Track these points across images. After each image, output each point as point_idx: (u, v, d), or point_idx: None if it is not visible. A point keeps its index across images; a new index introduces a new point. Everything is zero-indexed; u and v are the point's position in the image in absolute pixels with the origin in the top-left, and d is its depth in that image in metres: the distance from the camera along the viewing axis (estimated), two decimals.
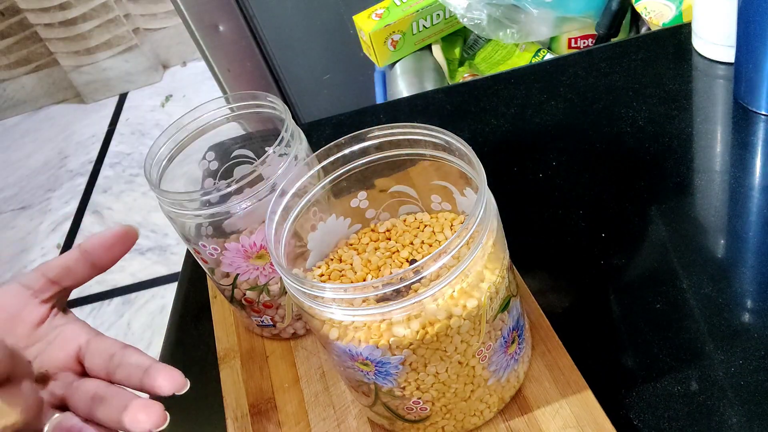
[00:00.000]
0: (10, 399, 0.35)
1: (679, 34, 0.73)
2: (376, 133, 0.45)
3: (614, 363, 0.49)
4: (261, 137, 0.57)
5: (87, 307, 1.80)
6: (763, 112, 0.62)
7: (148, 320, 1.72)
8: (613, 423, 0.44)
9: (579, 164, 0.64)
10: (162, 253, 1.87)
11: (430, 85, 1.05)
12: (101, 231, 0.42)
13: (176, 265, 1.81)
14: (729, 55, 0.66)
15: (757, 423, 0.44)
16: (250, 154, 0.57)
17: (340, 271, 0.48)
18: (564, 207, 0.61)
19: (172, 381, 0.37)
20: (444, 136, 0.43)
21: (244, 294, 0.53)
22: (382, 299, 0.38)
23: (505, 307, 0.42)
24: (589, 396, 0.46)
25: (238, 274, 0.51)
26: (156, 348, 1.70)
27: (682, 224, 0.56)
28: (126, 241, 0.42)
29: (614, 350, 0.50)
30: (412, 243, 0.49)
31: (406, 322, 0.39)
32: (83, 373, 0.40)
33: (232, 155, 0.57)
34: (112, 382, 0.39)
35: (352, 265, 0.49)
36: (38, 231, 2.05)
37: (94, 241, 0.41)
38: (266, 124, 0.54)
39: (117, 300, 1.79)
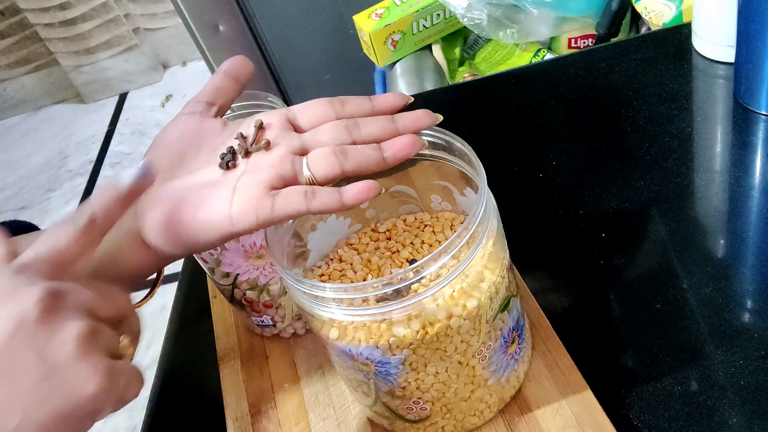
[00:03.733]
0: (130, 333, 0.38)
1: (679, 34, 0.73)
2: None
3: (614, 363, 0.49)
4: None
5: None
6: (763, 112, 0.62)
7: (148, 320, 1.71)
8: (613, 423, 0.44)
9: (579, 164, 0.64)
10: None
11: (430, 85, 1.05)
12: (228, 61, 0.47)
13: (176, 265, 1.81)
14: (729, 55, 0.66)
15: (757, 423, 0.44)
16: None
17: (341, 271, 0.48)
18: (564, 207, 0.61)
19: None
20: (444, 136, 0.43)
21: (244, 294, 0.53)
22: (382, 299, 0.38)
23: (505, 307, 0.42)
24: (589, 396, 0.46)
25: (238, 274, 0.51)
26: (156, 348, 1.70)
27: (682, 224, 0.56)
28: (246, 62, 0.47)
29: (614, 350, 0.50)
30: (412, 243, 0.49)
31: (406, 322, 0.39)
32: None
33: None
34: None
35: (352, 264, 0.49)
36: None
37: (229, 62, 0.46)
38: None
39: None
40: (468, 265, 0.39)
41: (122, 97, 2.59)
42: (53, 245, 0.35)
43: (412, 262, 0.47)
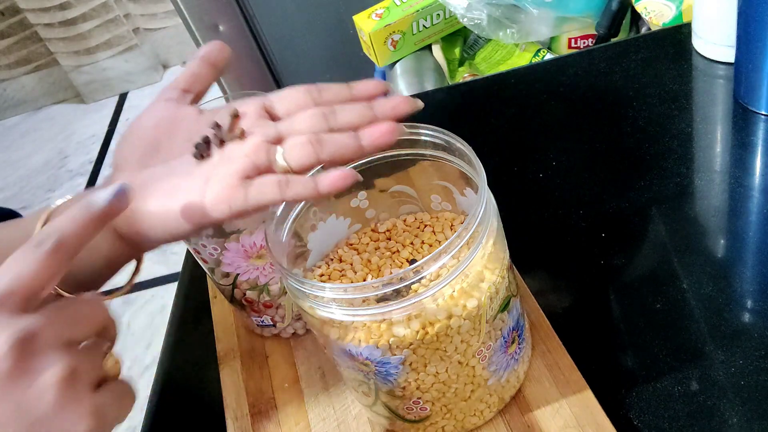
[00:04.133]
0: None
1: (679, 34, 0.73)
2: None
3: (614, 363, 0.49)
4: None
5: None
6: (763, 112, 0.62)
7: (148, 320, 1.72)
8: (613, 423, 0.44)
9: (579, 164, 0.64)
10: (162, 253, 1.87)
11: (430, 85, 1.05)
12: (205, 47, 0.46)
13: (176, 265, 1.81)
14: (729, 55, 0.66)
15: (757, 423, 0.44)
16: None
17: (341, 271, 0.48)
18: (564, 207, 0.60)
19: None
20: (444, 136, 0.43)
21: (244, 294, 0.53)
22: (382, 299, 0.38)
23: (505, 307, 0.42)
24: (589, 396, 0.46)
25: (238, 274, 0.51)
26: (156, 348, 1.70)
27: (682, 224, 0.56)
28: (224, 47, 0.46)
29: (614, 350, 0.50)
30: (412, 243, 0.49)
31: (406, 322, 0.39)
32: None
33: None
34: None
35: (352, 265, 0.49)
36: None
37: (206, 48, 0.46)
38: None
39: (117, 300, 1.79)
40: (468, 265, 0.39)
41: (122, 97, 2.59)
42: (18, 275, 0.32)
43: (412, 262, 0.47)
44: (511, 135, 0.70)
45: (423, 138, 0.44)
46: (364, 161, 0.46)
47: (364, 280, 0.47)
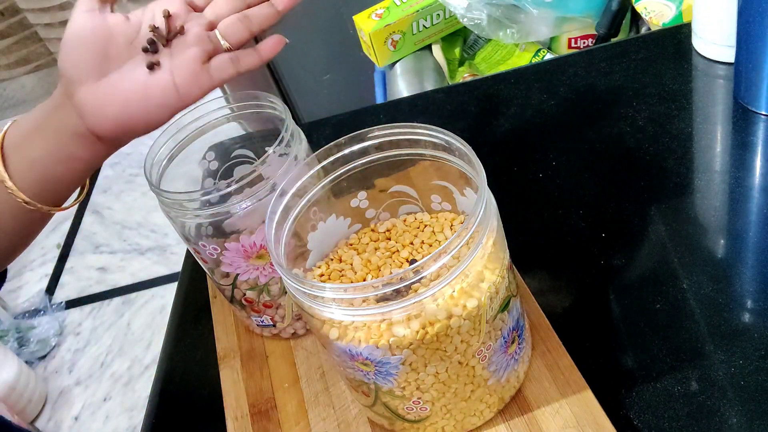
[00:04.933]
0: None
1: (679, 34, 0.73)
2: (376, 133, 0.45)
3: (614, 363, 0.49)
4: (261, 137, 0.56)
5: (87, 307, 1.80)
6: (763, 112, 0.62)
7: (148, 320, 1.72)
8: (613, 423, 0.44)
9: (579, 164, 0.64)
10: (162, 253, 1.87)
11: (430, 85, 1.05)
12: None
13: (176, 265, 1.81)
14: (729, 55, 0.66)
15: (757, 423, 0.44)
16: (250, 154, 0.57)
17: (340, 271, 0.48)
18: (564, 207, 0.60)
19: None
20: (444, 136, 0.43)
21: (244, 294, 0.53)
22: (382, 299, 0.38)
23: (505, 307, 0.42)
24: (589, 396, 0.46)
25: (238, 274, 0.51)
26: (156, 348, 1.70)
27: (682, 224, 0.56)
28: None
29: (614, 350, 0.50)
30: (412, 243, 0.49)
31: (406, 322, 0.39)
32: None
33: (232, 155, 0.57)
34: None
35: (352, 265, 0.49)
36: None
37: None
38: (266, 124, 0.54)
39: (117, 300, 1.79)
40: (468, 265, 0.39)
41: None
42: None
43: (412, 262, 0.47)
44: (511, 135, 0.70)
45: (423, 138, 0.44)
46: (364, 161, 0.46)
47: (364, 280, 0.47)
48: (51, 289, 1.88)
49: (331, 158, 0.46)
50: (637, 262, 0.55)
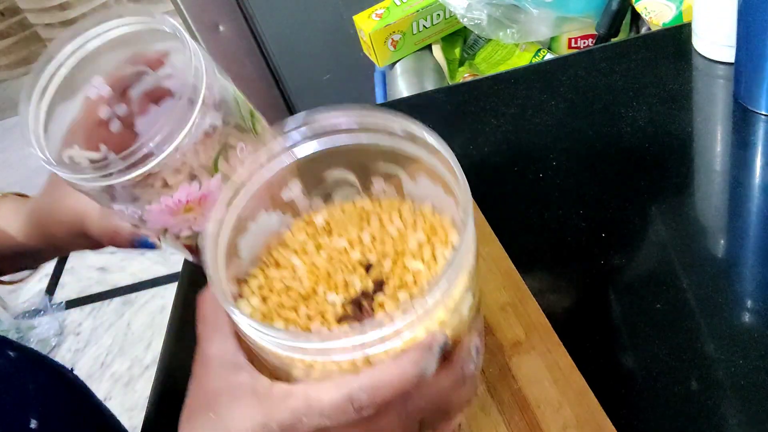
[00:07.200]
0: None
1: (679, 34, 0.73)
2: (323, 123, 0.39)
3: (614, 363, 0.49)
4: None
5: (87, 307, 1.80)
6: (763, 112, 0.62)
7: (148, 320, 1.72)
8: (613, 423, 0.44)
9: (579, 164, 0.64)
10: (162, 253, 1.87)
11: (430, 85, 1.05)
12: None
13: (176, 265, 1.81)
14: (729, 55, 0.66)
15: (757, 423, 0.44)
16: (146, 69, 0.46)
17: (281, 280, 0.41)
18: (564, 207, 0.60)
19: None
20: (407, 126, 0.38)
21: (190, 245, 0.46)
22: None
23: (477, 310, 0.38)
24: (589, 396, 0.46)
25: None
26: (156, 348, 1.70)
27: (682, 224, 0.56)
28: None
29: (614, 350, 0.50)
30: (359, 238, 0.42)
31: (384, 354, 0.33)
32: None
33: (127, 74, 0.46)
34: None
35: (294, 270, 0.41)
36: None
37: None
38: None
39: (117, 300, 1.79)
40: (451, 289, 0.34)
41: None
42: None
43: (368, 267, 0.40)
44: (511, 135, 0.70)
45: (391, 131, 0.39)
46: (304, 146, 0.40)
47: (314, 292, 0.40)
48: (51, 289, 1.88)
49: (277, 145, 0.40)
50: (637, 262, 0.55)
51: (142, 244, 0.46)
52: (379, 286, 0.38)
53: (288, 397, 0.33)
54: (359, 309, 0.35)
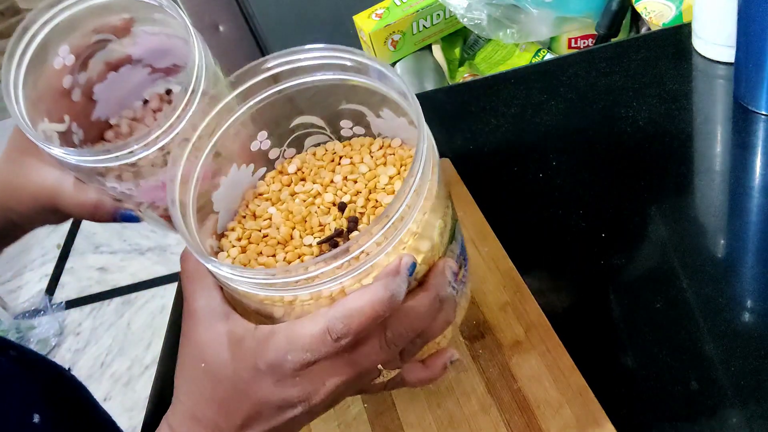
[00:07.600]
0: None
1: (679, 34, 0.73)
2: (272, 63, 0.40)
3: (614, 363, 0.49)
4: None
5: (87, 307, 1.80)
6: (763, 112, 0.62)
7: (148, 320, 1.72)
8: (613, 423, 0.44)
9: (579, 164, 0.64)
10: (162, 253, 1.87)
11: (430, 85, 1.05)
12: None
13: (176, 265, 1.81)
14: (729, 55, 0.66)
15: (757, 423, 0.44)
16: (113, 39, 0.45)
17: (260, 231, 0.41)
18: (564, 207, 0.60)
19: None
20: (355, 57, 0.38)
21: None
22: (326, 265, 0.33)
23: (452, 237, 0.39)
24: (589, 396, 0.46)
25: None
26: (156, 348, 1.70)
27: (682, 224, 0.56)
28: None
29: (614, 350, 0.50)
30: (332, 181, 0.42)
31: (358, 283, 0.35)
32: None
33: (93, 41, 0.44)
34: None
35: (271, 219, 0.42)
36: (38, 231, 2.05)
37: None
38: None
39: (117, 300, 1.79)
40: (417, 212, 0.34)
41: None
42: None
43: (342, 207, 0.41)
44: (511, 135, 0.70)
45: (330, 62, 0.39)
46: (263, 96, 0.40)
47: (291, 237, 0.40)
48: (51, 289, 1.88)
49: (232, 95, 0.40)
50: (637, 262, 0.55)
51: (126, 217, 0.46)
52: (354, 223, 0.38)
53: (271, 336, 0.34)
54: (335, 247, 0.35)
